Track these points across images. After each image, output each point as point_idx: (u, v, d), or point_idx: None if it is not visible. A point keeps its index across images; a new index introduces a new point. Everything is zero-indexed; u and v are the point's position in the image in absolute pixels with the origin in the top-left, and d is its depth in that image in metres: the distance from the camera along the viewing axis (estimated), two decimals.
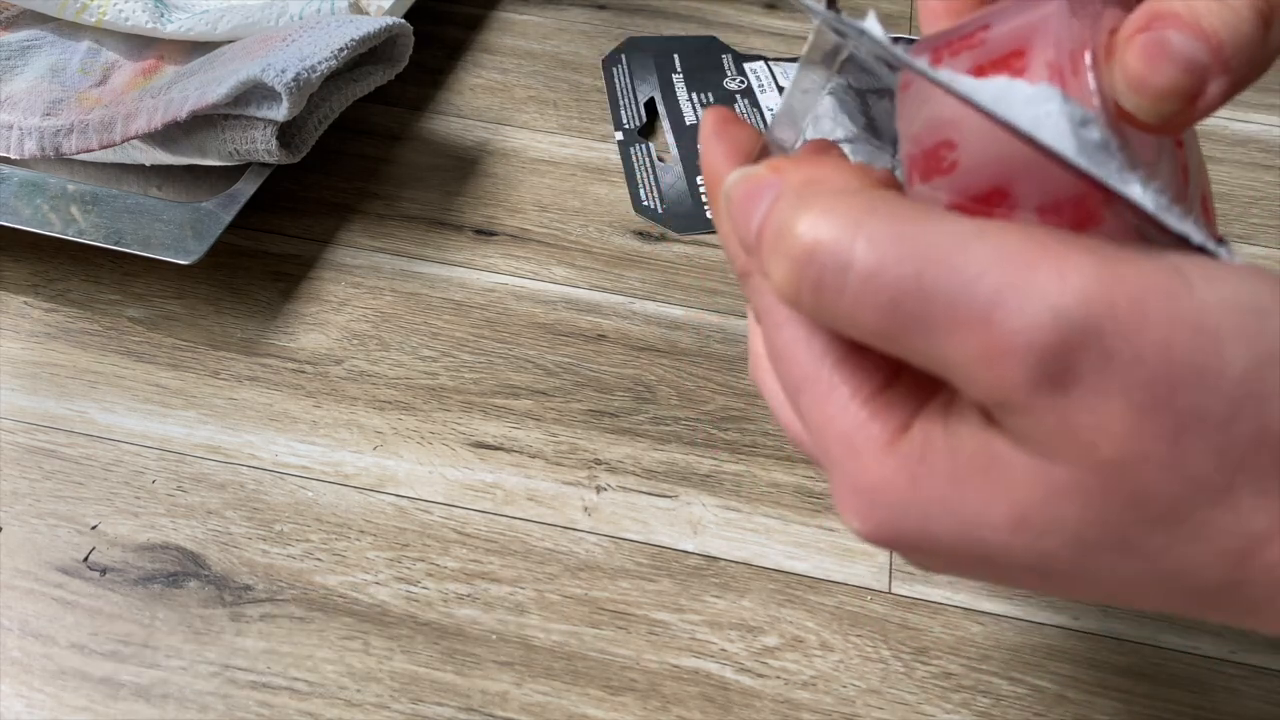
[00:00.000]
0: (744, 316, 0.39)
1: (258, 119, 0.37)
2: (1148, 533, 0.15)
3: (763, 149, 0.21)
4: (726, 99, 0.48)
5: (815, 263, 0.15)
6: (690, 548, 0.33)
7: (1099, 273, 0.14)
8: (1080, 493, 0.15)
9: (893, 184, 0.18)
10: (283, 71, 0.36)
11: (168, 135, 0.38)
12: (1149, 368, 0.14)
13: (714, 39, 0.52)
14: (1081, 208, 0.16)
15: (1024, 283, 0.14)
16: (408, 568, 0.32)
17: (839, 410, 0.17)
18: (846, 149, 0.43)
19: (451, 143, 0.46)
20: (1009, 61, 0.17)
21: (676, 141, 0.46)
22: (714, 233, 0.42)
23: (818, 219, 0.15)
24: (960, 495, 0.16)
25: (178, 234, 0.36)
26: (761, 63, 0.50)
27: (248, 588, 0.31)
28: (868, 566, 0.32)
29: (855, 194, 0.16)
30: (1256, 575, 0.15)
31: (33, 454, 0.34)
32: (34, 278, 0.39)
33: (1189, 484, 0.15)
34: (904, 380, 0.17)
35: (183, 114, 0.37)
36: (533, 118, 0.47)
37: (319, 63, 0.37)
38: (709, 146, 0.21)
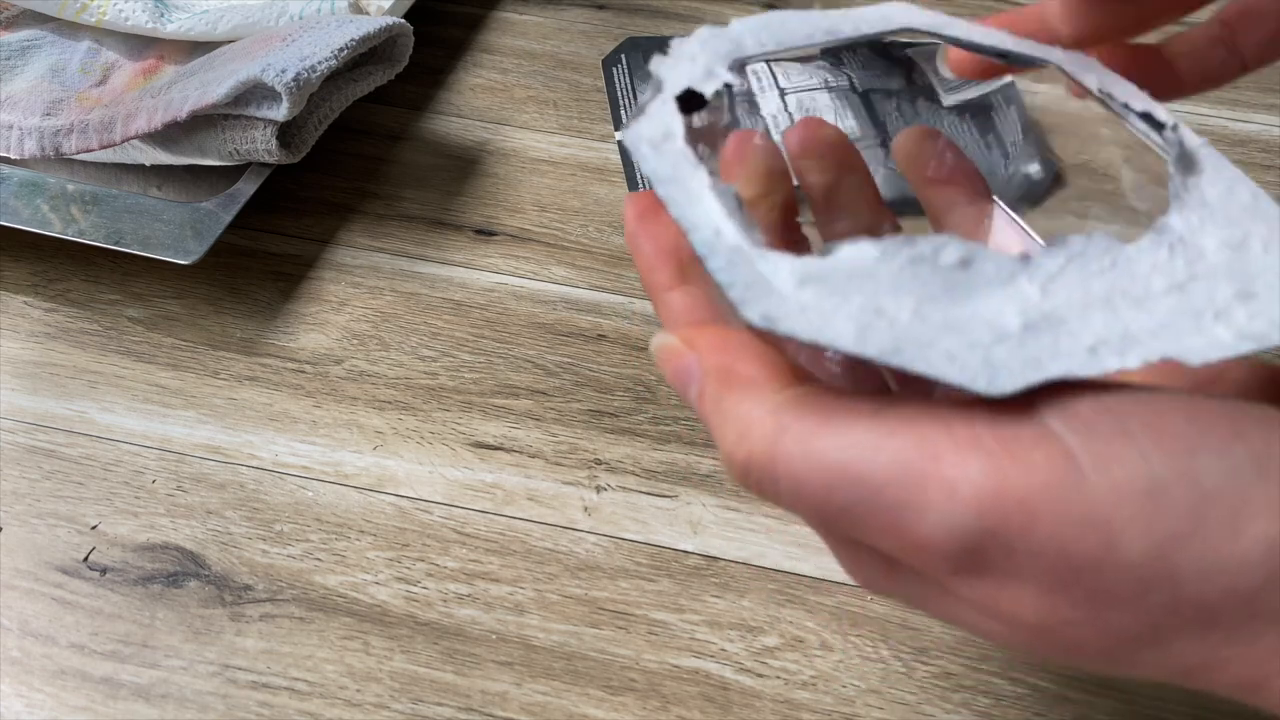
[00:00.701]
0: None
1: (258, 119, 0.37)
2: (1092, 662, 0.16)
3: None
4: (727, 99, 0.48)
5: (751, 477, 0.17)
6: (690, 548, 0.33)
7: (985, 480, 0.15)
8: (1022, 640, 0.16)
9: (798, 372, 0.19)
10: (283, 71, 0.36)
11: (168, 135, 0.38)
12: (1047, 559, 0.15)
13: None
14: None
15: (920, 499, 0.15)
16: (408, 568, 0.32)
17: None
18: None
19: (451, 143, 0.46)
20: None
21: None
22: None
23: (740, 439, 0.17)
24: (929, 600, 0.18)
25: (178, 234, 0.36)
26: (762, 63, 0.50)
27: (248, 588, 0.31)
28: None
29: (769, 405, 0.17)
30: (1214, 688, 0.16)
31: (33, 454, 0.34)
32: (34, 278, 0.39)
33: (1114, 637, 0.16)
34: None
35: (183, 114, 0.37)
36: (533, 118, 0.47)
37: (319, 63, 0.37)
38: (637, 248, 0.22)
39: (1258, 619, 0.15)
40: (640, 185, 0.44)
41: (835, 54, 0.51)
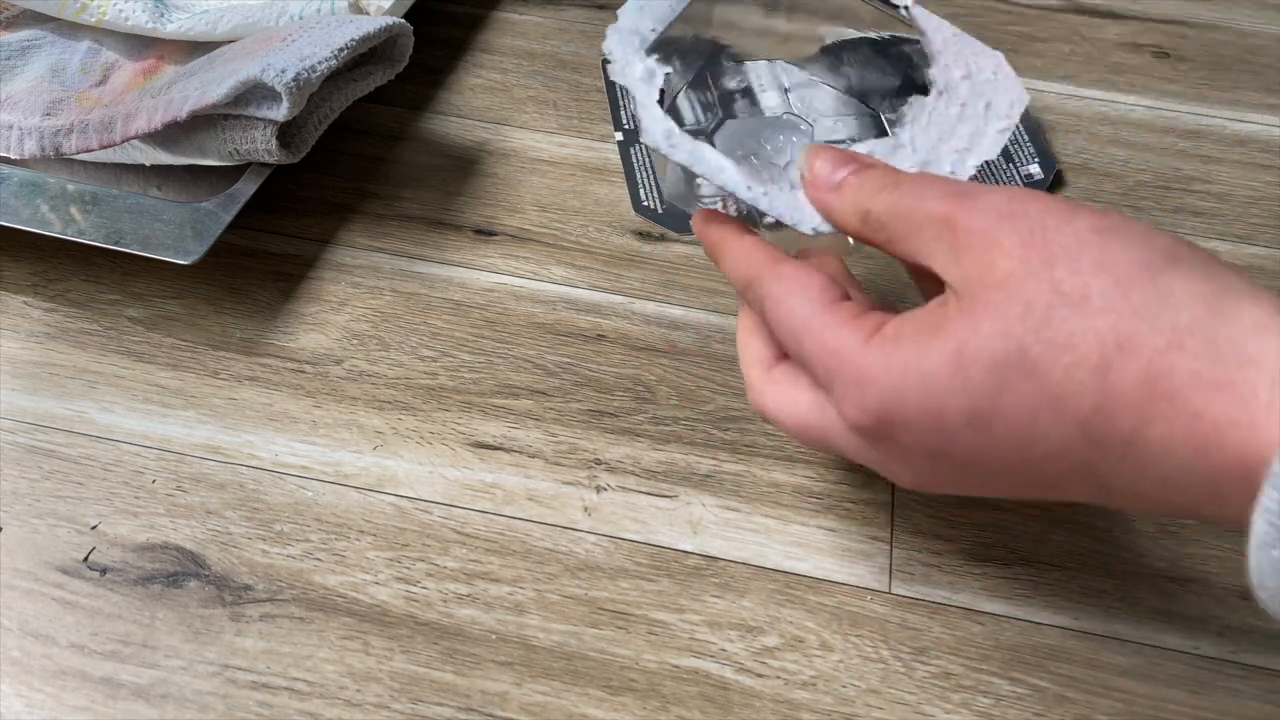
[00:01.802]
0: None
1: (258, 119, 0.37)
2: (1035, 339, 0.21)
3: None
4: (726, 99, 0.48)
5: (866, 218, 0.26)
6: (690, 548, 0.33)
7: (1019, 192, 0.24)
8: (990, 311, 0.22)
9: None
10: (283, 71, 0.36)
11: (168, 135, 0.38)
12: (1033, 219, 0.23)
13: (714, 39, 0.52)
14: None
15: (969, 204, 0.24)
16: (407, 568, 0.32)
17: (828, 336, 0.25)
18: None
19: (451, 143, 0.46)
20: None
21: None
22: None
23: (879, 189, 0.26)
24: (920, 355, 0.23)
25: (178, 234, 0.36)
26: (762, 62, 0.50)
27: (248, 588, 0.31)
28: (868, 566, 0.32)
29: (897, 176, 0.26)
30: (1208, 418, 0.20)
31: (33, 454, 0.34)
32: (34, 278, 0.39)
33: (1055, 291, 0.22)
34: (868, 314, 0.25)
35: (183, 114, 0.37)
36: (533, 118, 0.47)
37: (319, 63, 0.37)
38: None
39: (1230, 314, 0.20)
40: (641, 191, 0.44)
41: (835, 53, 0.51)
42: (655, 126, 0.30)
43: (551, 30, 0.53)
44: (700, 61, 0.51)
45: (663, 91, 0.32)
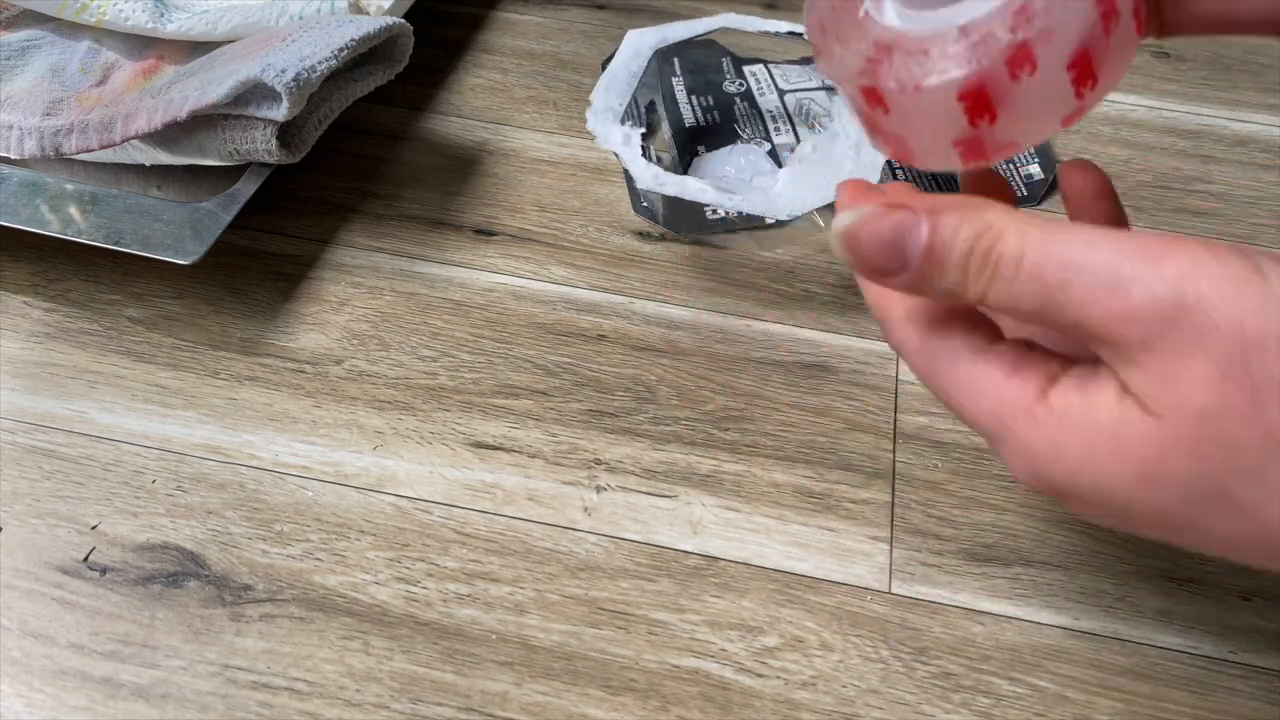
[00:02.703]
0: (742, 316, 0.39)
1: (258, 119, 0.37)
2: (1242, 484, 0.19)
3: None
4: (726, 101, 0.48)
5: (998, 267, 0.21)
6: (690, 548, 0.33)
7: (1190, 268, 0.19)
8: (1185, 445, 0.19)
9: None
10: (283, 71, 0.36)
11: (168, 135, 0.38)
12: (1226, 337, 0.18)
13: (714, 41, 0.52)
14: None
15: (1134, 273, 0.19)
16: (408, 568, 0.32)
17: (988, 397, 0.22)
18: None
19: (451, 143, 0.46)
20: None
21: (676, 143, 0.46)
22: (713, 233, 0.42)
23: (996, 235, 0.21)
24: (1095, 458, 0.20)
25: (177, 234, 0.36)
26: (761, 65, 0.50)
27: (248, 588, 0.31)
28: (868, 566, 0.32)
29: (1009, 215, 0.21)
30: None
31: (33, 454, 0.34)
32: (34, 278, 0.39)
33: (1269, 437, 0.18)
34: (1030, 364, 0.22)
35: (183, 114, 0.37)
36: (533, 118, 0.47)
37: (319, 63, 0.37)
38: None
39: None
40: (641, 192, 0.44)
41: None
42: (645, 174, 0.38)
43: (551, 30, 0.53)
44: (704, 66, 0.51)
45: (643, 147, 0.40)
